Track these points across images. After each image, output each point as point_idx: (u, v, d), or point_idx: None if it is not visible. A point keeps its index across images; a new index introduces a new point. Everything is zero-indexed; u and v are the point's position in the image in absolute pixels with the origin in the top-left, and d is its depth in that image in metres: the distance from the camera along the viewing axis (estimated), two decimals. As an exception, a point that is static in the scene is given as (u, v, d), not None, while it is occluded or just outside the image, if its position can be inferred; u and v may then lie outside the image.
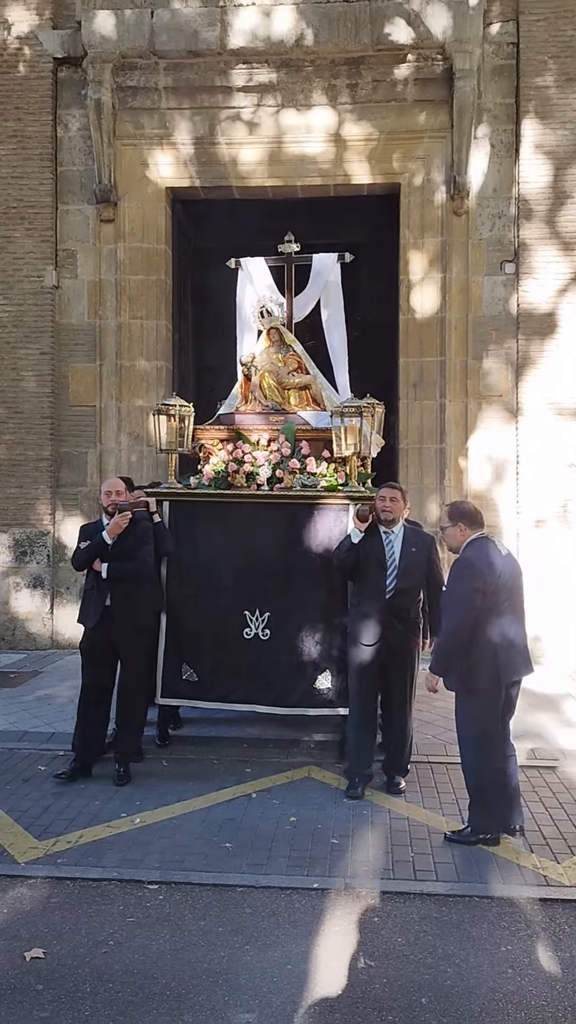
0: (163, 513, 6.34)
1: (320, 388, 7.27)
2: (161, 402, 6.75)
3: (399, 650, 5.58)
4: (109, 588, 5.75)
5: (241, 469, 6.50)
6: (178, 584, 6.36)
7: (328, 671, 6.12)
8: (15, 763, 6.11)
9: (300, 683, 6.14)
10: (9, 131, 9.85)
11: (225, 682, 6.26)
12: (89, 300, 10.00)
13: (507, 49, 9.48)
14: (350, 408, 6.24)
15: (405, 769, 5.69)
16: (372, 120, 9.58)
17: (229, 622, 6.24)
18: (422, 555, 5.64)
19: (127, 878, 4.38)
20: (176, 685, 6.31)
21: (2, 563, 9.91)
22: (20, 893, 4.24)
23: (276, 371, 7.08)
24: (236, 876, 4.41)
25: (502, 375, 9.61)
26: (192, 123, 9.76)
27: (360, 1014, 3.28)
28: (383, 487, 5.80)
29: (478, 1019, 3.26)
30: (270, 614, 6.20)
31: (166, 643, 6.33)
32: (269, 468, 6.48)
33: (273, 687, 6.17)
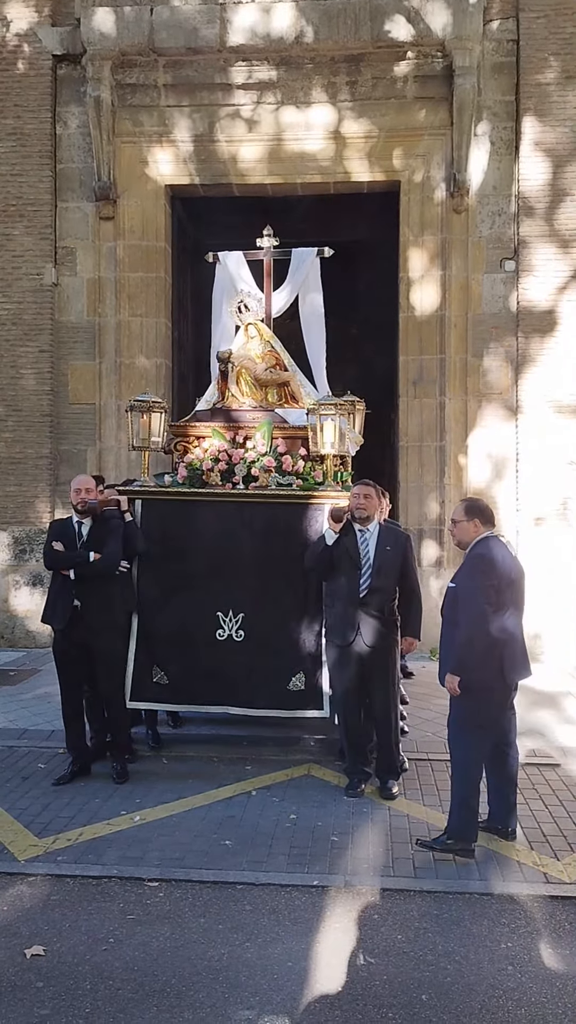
0: (135, 512, 6.16)
1: (299, 385, 7.15)
2: (134, 398, 6.60)
3: (376, 650, 5.47)
4: (77, 587, 5.64)
5: (216, 467, 6.33)
6: (150, 584, 6.17)
7: (303, 672, 6.00)
8: (14, 761, 6.11)
9: (274, 684, 6.01)
10: (8, 128, 9.84)
11: (196, 684, 6.10)
12: (88, 298, 10.00)
13: (507, 46, 9.47)
14: (326, 405, 6.14)
15: (397, 772, 5.58)
16: (372, 117, 9.57)
17: (202, 623, 6.09)
18: (397, 553, 5.54)
19: (127, 875, 4.37)
20: (146, 688, 6.10)
21: (1, 561, 9.91)
22: (20, 891, 4.24)
23: (254, 367, 6.93)
24: (236, 873, 4.40)
25: (502, 373, 9.60)
26: (191, 120, 9.75)
27: (360, 1011, 3.28)
28: (356, 484, 5.71)
29: (478, 1016, 3.26)
30: (244, 615, 6.06)
31: (137, 645, 6.13)
32: (244, 466, 6.32)
33: (246, 688, 6.03)
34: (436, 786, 5.61)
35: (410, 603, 5.65)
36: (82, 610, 5.64)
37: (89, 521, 5.75)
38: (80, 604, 5.64)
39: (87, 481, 5.93)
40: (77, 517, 5.76)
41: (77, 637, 5.65)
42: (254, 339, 7.09)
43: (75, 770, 5.69)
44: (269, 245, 7.46)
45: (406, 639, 5.66)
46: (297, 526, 6.09)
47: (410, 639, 5.67)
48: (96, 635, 5.66)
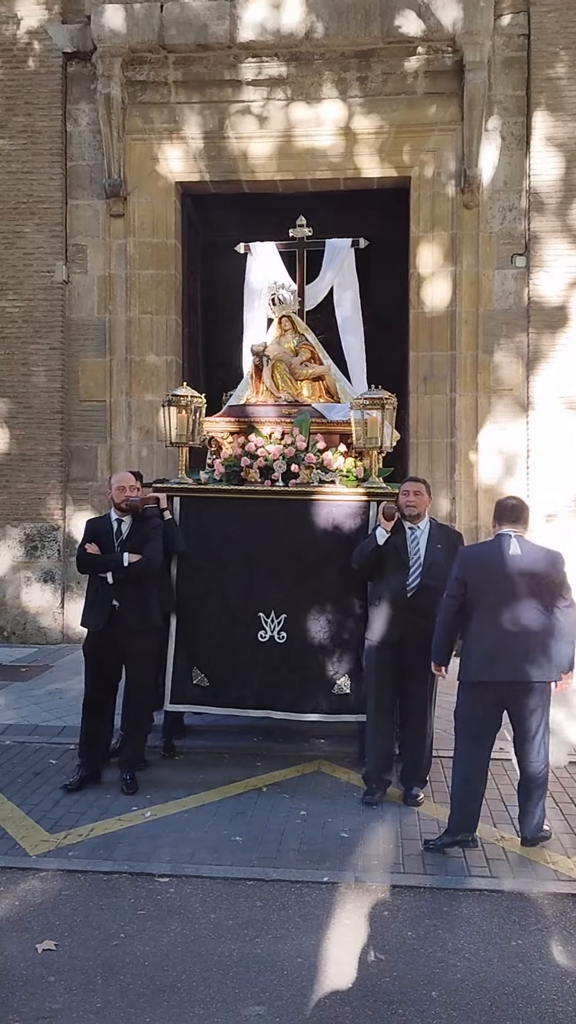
0: (173, 510, 6.05)
1: (334, 379, 7.03)
2: (171, 392, 6.42)
3: (418, 652, 5.16)
4: (115, 588, 5.47)
5: (255, 463, 6.18)
6: (189, 585, 6.03)
7: (348, 675, 5.86)
8: (26, 757, 6.13)
9: (319, 688, 5.87)
10: (19, 126, 9.87)
11: (238, 687, 5.94)
12: (99, 295, 10.02)
13: (518, 41, 9.43)
14: (371, 400, 5.96)
15: (423, 779, 5.43)
16: (382, 113, 9.55)
17: (243, 624, 5.94)
18: (448, 552, 5.26)
19: (138, 871, 4.39)
20: (186, 690, 5.98)
21: (13, 558, 9.95)
22: (32, 886, 4.26)
23: (288, 361, 6.82)
24: (246, 870, 4.41)
25: (513, 369, 9.57)
26: (201, 117, 9.75)
27: (370, 1007, 3.29)
28: (406, 481, 5.54)
29: (488, 1013, 3.26)
30: (286, 616, 5.90)
31: (176, 646, 6.01)
32: (284, 462, 6.16)
33: (290, 692, 5.89)
34: (447, 783, 5.57)
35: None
36: (120, 610, 5.47)
37: (129, 519, 5.59)
38: (118, 604, 5.47)
39: (129, 478, 5.73)
40: (116, 515, 5.60)
41: (111, 638, 5.49)
42: (288, 332, 6.97)
43: (85, 775, 5.53)
44: (302, 236, 7.30)
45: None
46: (340, 524, 5.92)
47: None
48: (132, 636, 5.49)
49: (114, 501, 5.61)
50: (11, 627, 9.95)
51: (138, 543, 5.51)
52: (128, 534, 5.56)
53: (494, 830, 4.91)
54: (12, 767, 5.92)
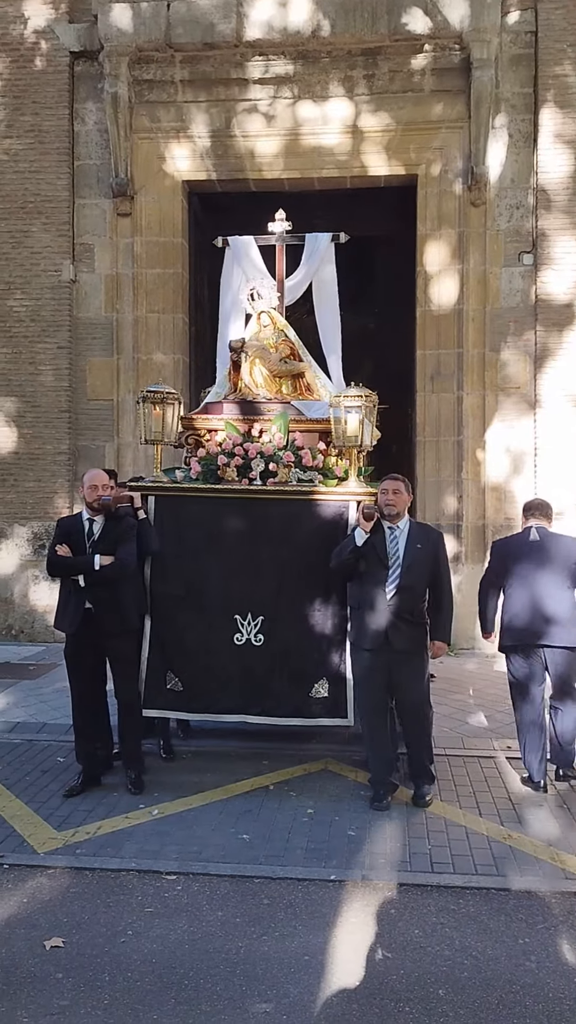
0: (148, 509, 5.85)
1: (315, 376, 6.86)
2: (146, 389, 6.21)
3: (405, 653, 5.18)
4: (88, 591, 5.30)
5: (232, 462, 5.96)
6: (163, 586, 5.82)
7: (325, 679, 5.69)
8: (34, 754, 6.15)
9: (296, 692, 5.69)
10: (26, 125, 9.89)
11: (213, 691, 5.76)
12: (106, 294, 10.03)
13: (525, 38, 9.40)
14: (351, 397, 5.81)
15: (431, 776, 5.35)
16: (389, 111, 9.54)
17: (219, 627, 5.75)
18: (428, 552, 5.26)
19: (145, 869, 4.40)
20: (159, 695, 5.78)
21: (21, 556, 9.98)
22: (40, 883, 4.28)
23: (267, 357, 6.63)
24: (253, 867, 4.42)
25: (520, 367, 9.55)
26: (208, 116, 9.75)
27: (377, 1005, 3.29)
28: (385, 479, 5.38)
29: (495, 1011, 3.26)
30: (263, 618, 5.72)
31: (150, 649, 5.80)
32: (262, 461, 5.94)
33: (266, 696, 5.72)
34: (454, 781, 5.60)
35: (440, 605, 5.35)
36: (94, 612, 5.32)
37: (101, 519, 5.43)
38: (92, 606, 5.32)
39: (101, 476, 5.56)
40: (88, 514, 5.44)
41: (89, 640, 5.38)
42: (267, 327, 6.80)
43: (85, 779, 5.44)
44: (281, 230, 7.14)
45: (434, 643, 5.36)
46: (319, 524, 5.77)
47: (439, 644, 5.37)
48: (110, 638, 5.39)
49: (86, 500, 5.44)
50: (19, 625, 9.98)
51: (111, 544, 5.33)
52: (100, 535, 5.38)
53: (502, 828, 4.91)
54: (20, 765, 5.95)
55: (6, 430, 10.01)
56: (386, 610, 5.15)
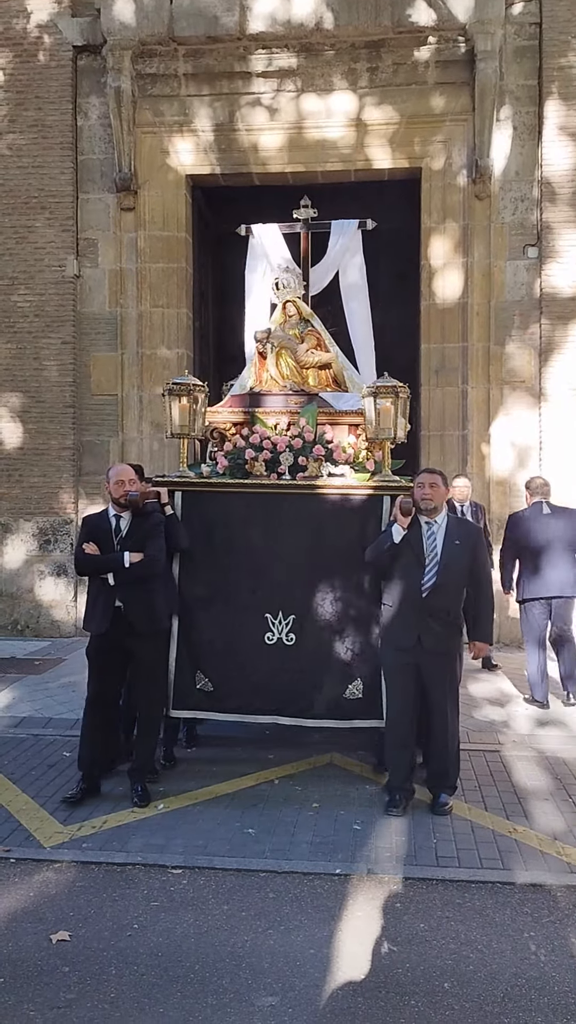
0: (175, 505, 5.70)
1: (342, 367, 6.73)
2: (172, 381, 6.03)
3: (436, 654, 4.98)
4: (118, 590, 5.15)
5: (260, 456, 5.85)
6: (192, 584, 5.68)
7: (360, 679, 5.51)
8: (40, 749, 6.17)
9: (329, 692, 5.53)
10: (30, 120, 9.87)
11: (244, 692, 5.61)
12: (110, 289, 10.03)
13: (529, 29, 9.36)
14: (385, 388, 5.63)
15: (452, 785, 5.13)
16: (393, 104, 9.51)
17: (249, 626, 5.61)
18: (466, 548, 5.02)
19: (151, 863, 4.41)
20: (189, 696, 5.65)
21: (27, 551, 10.00)
22: (46, 877, 4.29)
23: (293, 348, 6.50)
24: (259, 861, 4.43)
25: (525, 360, 9.53)
26: (212, 109, 9.73)
27: (383, 998, 3.30)
28: (421, 472, 5.19)
29: (501, 1005, 3.27)
30: (295, 617, 5.56)
31: (178, 649, 5.66)
32: (291, 454, 5.81)
33: (299, 697, 5.55)
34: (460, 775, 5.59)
35: (479, 603, 5.12)
36: (125, 611, 5.14)
37: (128, 515, 5.24)
38: (122, 605, 5.14)
39: (128, 471, 5.37)
40: (115, 511, 5.25)
41: (116, 641, 5.19)
42: (292, 317, 6.65)
43: (85, 787, 5.24)
44: (307, 217, 6.96)
45: (475, 644, 5.19)
46: (352, 519, 5.59)
47: (480, 644, 5.20)
48: (138, 639, 5.19)
49: (112, 496, 5.28)
50: (25, 620, 10.01)
51: (139, 541, 5.18)
52: (128, 531, 5.22)
53: (507, 822, 4.91)
54: (27, 759, 5.96)
55: (11, 425, 10.02)
56: (420, 608, 4.95)
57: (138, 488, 5.32)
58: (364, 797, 5.27)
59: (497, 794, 5.34)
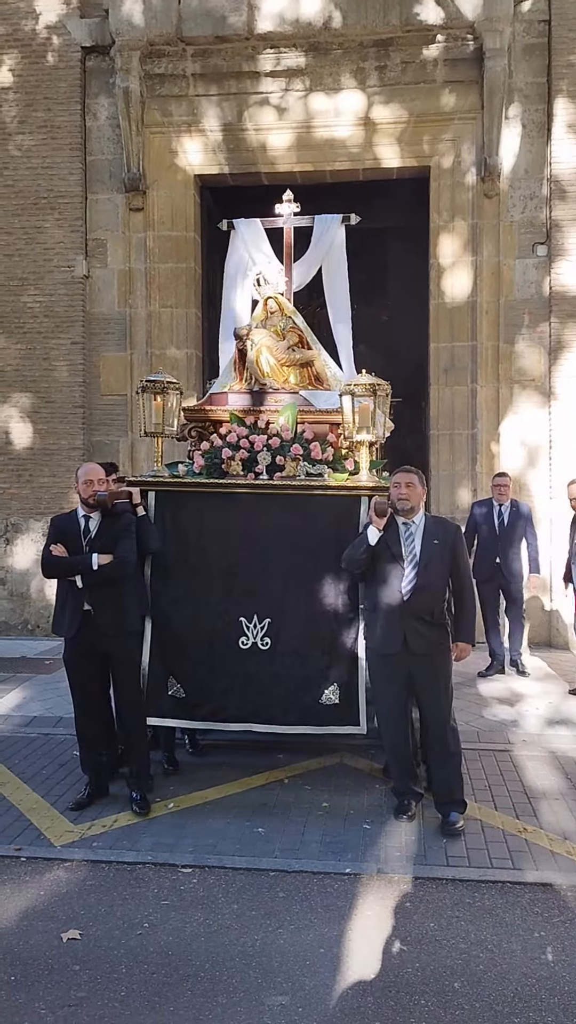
0: (148, 505, 5.51)
1: (324, 365, 6.55)
2: (145, 379, 5.87)
3: (425, 657, 4.81)
4: (87, 592, 5.00)
5: (237, 455, 5.68)
6: (164, 586, 5.48)
7: (336, 684, 5.34)
8: (51, 748, 6.19)
9: (304, 698, 5.35)
10: (39, 121, 9.90)
11: (217, 698, 5.42)
12: (119, 289, 10.05)
13: (538, 27, 9.33)
14: (363, 386, 5.46)
15: (460, 801, 4.89)
16: (401, 102, 9.49)
17: (223, 629, 5.41)
18: (445, 547, 4.86)
19: (161, 862, 4.42)
20: (160, 702, 5.43)
21: (37, 551, 10.00)
22: (57, 875, 4.30)
23: (274, 345, 6.29)
24: (269, 860, 4.43)
25: (535, 359, 9.50)
26: (220, 109, 9.74)
27: (393, 998, 3.29)
28: (397, 472, 5.00)
29: (511, 1004, 3.26)
30: (270, 620, 5.38)
31: (150, 654, 5.46)
32: (269, 454, 5.66)
33: (273, 703, 5.38)
34: (469, 775, 5.55)
35: (461, 603, 4.98)
36: (94, 614, 5.02)
37: (98, 516, 5.10)
38: (91, 608, 5.03)
39: (96, 470, 5.22)
40: (83, 511, 5.11)
41: (90, 645, 5.08)
42: (274, 314, 6.45)
43: (92, 791, 5.18)
44: (289, 212, 6.83)
45: (457, 644, 4.97)
46: (330, 520, 5.42)
47: (462, 644, 4.98)
48: (112, 641, 5.08)
49: (80, 496, 5.10)
50: (35, 620, 10.04)
51: (109, 542, 5.03)
52: (97, 532, 5.07)
53: (517, 822, 4.90)
54: (37, 758, 5.98)
55: (21, 426, 10.05)
56: (403, 611, 4.79)
57: (107, 488, 5.17)
58: (374, 797, 5.27)
59: (507, 793, 5.33)
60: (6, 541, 10.11)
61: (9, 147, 9.95)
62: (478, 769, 5.69)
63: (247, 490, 5.57)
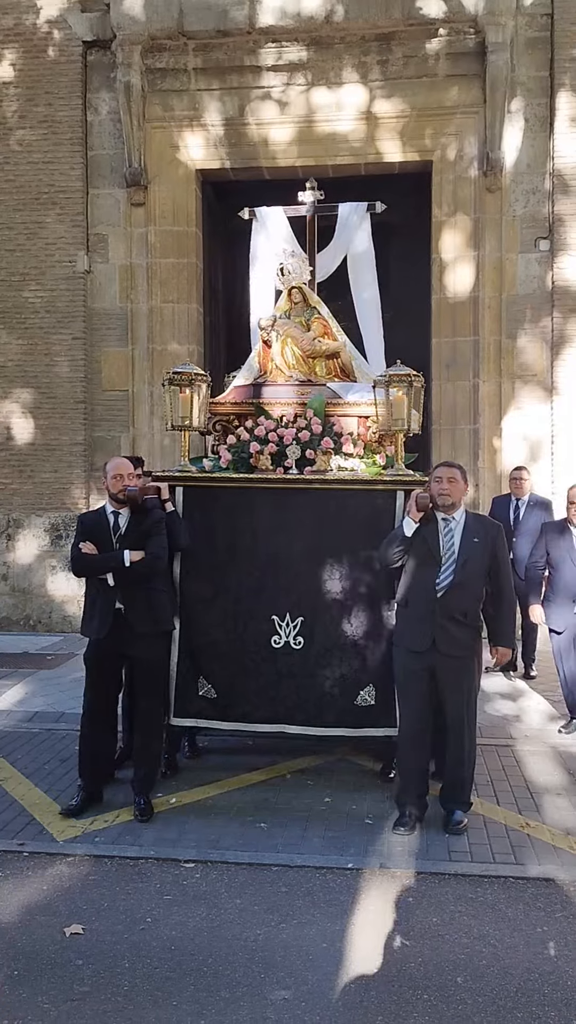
0: (176, 501, 5.41)
1: (350, 356, 6.44)
2: (172, 370, 5.74)
3: (452, 659, 4.66)
4: (119, 590, 4.90)
5: (265, 449, 5.56)
6: (194, 584, 5.39)
7: (372, 685, 5.23)
8: (53, 743, 6.19)
9: (339, 699, 5.25)
10: (40, 116, 9.88)
11: (249, 699, 5.34)
12: (120, 284, 10.03)
13: (541, 21, 9.29)
14: (398, 377, 5.35)
15: (467, 801, 4.83)
16: (403, 96, 9.46)
17: (255, 629, 5.32)
18: (485, 546, 4.72)
19: (164, 856, 4.42)
20: (191, 703, 5.36)
21: (38, 546, 10.03)
22: (59, 870, 4.31)
23: (300, 337, 6.21)
24: (271, 855, 4.43)
25: (537, 354, 9.48)
26: (222, 104, 9.71)
27: (396, 992, 3.30)
28: (439, 466, 4.86)
29: (514, 999, 3.26)
30: (303, 619, 5.28)
31: (180, 653, 5.37)
32: (298, 448, 5.55)
33: (307, 704, 5.28)
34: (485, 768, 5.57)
35: (500, 606, 4.83)
36: (126, 613, 4.90)
37: (127, 512, 4.98)
38: (123, 607, 4.90)
39: (126, 465, 5.05)
40: (112, 507, 5.00)
41: (117, 646, 4.94)
42: (299, 304, 6.37)
43: (86, 797, 5.01)
44: (312, 200, 6.70)
45: (497, 649, 4.86)
46: (363, 515, 5.29)
47: (502, 649, 4.87)
48: (141, 643, 4.95)
49: (110, 491, 5.00)
50: (37, 616, 10.04)
51: (139, 539, 4.92)
52: (127, 529, 4.96)
53: (519, 816, 4.91)
54: (39, 754, 5.99)
55: (22, 421, 10.04)
56: (435, 609, 4.65)
57: (137, 483, 5.07)
58: (376, 792, 5.27)
59: (509, 789, 5.33)
60: (8, 537, 10.11)
61: (10, 142, 9.93)
62: (480, 763, 5.65)
63: (277, 485, 5.44)
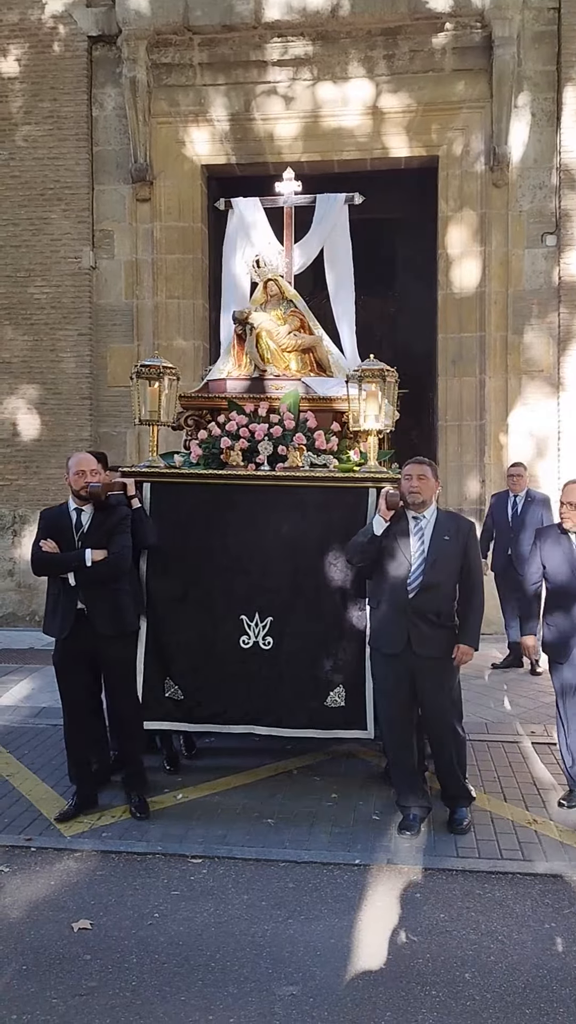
0: (143, 497, 5.27)
1: (327, 351, 6.26)
2: (140, 363, 5.57)
3: (430, 659, 4.56)
4: (81, 590, 4.74)
5: (236, 445, 5.41)
6: (161, 583, 5.24)
7: (342, 686, 5.13)
8: (59, 739, 6.13)
9: (308, 700, 5.15)
10: (45, 111, 9.87)
11: (217, 700, 5.22)
12: (126, 280, 10.03)
13: (548, 15, 9.27)
14: (371, 372, 5.22)
15: (467, 798, 4.79)
16: (409, 91, 9.44)
17: (223, 628, 5.20)
18: (456, 544, 4.62)
19: (171, 852, 4.43)
20: (158, 704, 5.21)
21: (44, 543, 10.02)
22: (67, 866, 4.31)
23: (274, 330, 6.03)
24: (278, 851, 4.43)
25: (544, 349, 9.46)
26: (227, 99, 9.69)
27: (403, 988, 3.29)
28: (409, 463, 4.72)
29: (522, 995, 3.26)
30: (272, 619, 5.17)
31: (147, 654, 5.22)
32: (270, 444, 5.41)
33: (275, 705, 5.18)
34: (478, 767, 5.57)
35: (469, 603, 4.69)
36: (88, 613, 4.76)
37: (90, 509, 4.81)
38: (84, 607, 4.77)
39: (88, 460, 4.90)
40: (75, 504, 4.84)
41: (82, 646, 4.80)
42: (274, 298, 6.20)
43: (79, 802, 4.89)
44: (290, 191, 6.60)
45: (459, 647, 4.63)
46: (335, 513, 5.18)
47: (464, 648, 4.64)
48: (106, 642, 4.80)
49: (72, 488, 4.82)
50: (42, 612, 10.01)
51: (103, 537, 4.75)
52: (90, 526, 4.79)
53: (527, 813, 4.90)
54: (46, 749, 5.99)
55: (28, 417, 10.05)
56: (408, 610, 4.55)
57: (100, 479, 4.89)
58: (383, 788, 5.25)
59: (516, 785, 5.32)
60: (13, 533, 10.12)
61: (15, 138, 9.92)
62: (487, 760, 5.69)
63: (248, 482, 5.33)
